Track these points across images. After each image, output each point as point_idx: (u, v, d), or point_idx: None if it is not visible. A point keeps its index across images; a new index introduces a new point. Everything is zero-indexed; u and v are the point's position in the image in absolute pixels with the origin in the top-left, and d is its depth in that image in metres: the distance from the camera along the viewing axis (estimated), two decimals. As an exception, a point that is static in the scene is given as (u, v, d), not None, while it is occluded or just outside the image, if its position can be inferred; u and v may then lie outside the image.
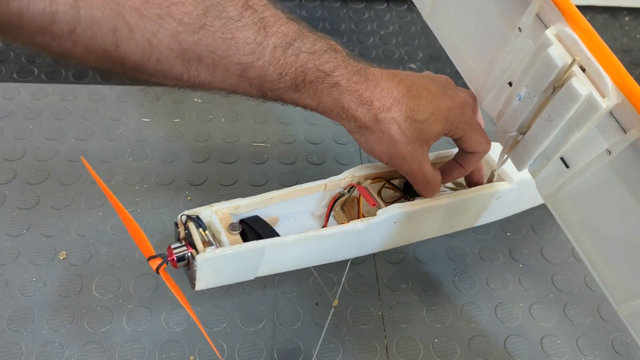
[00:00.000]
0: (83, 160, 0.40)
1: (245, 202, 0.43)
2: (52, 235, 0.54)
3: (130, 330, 0.47)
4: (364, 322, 0.49)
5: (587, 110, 0.33)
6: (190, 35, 0.33)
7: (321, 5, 0.88)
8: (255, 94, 0.39)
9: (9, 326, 0.47)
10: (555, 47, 0.34)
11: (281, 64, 0.37)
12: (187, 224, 0.40)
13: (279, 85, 0.38)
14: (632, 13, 0.92)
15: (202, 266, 0.38)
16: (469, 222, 0.51)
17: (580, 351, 0.48)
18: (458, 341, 0.49)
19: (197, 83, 0.36)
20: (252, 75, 0.36)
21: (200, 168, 0.61)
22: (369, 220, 0.43)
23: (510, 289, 0.53)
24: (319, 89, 0.39)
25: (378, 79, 0.40)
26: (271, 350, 0.47)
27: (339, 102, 0.39)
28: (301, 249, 0.42)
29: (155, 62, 0.33)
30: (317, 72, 0.38)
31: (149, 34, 0.32)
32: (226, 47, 0.34)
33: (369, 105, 0.40)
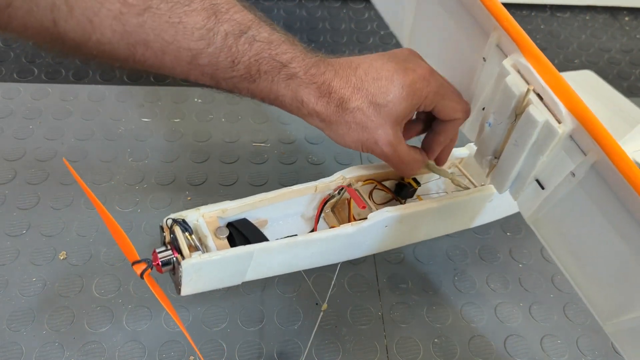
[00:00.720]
0: (65, 162, 0.39)
1: (233, 205, 0.42)
2: (52, 235, 0.54)
3: (130, 330, 0.47)
4: (364, 322, 0.49)
5: (546, 135, 0.34)
6: (134, 17, 0.32)
7: (321, 5, 0.89)
8: (209, 83, 0.37)
9: (9, 326, 0.47)
10: (512, 77, 0.36)
11: (233, 52, 0.35)
12: (172, 228, 0.39)
13: (232, 74, 0.36)
14: (632, 13, 0.92)
15: (187, 272, 0.37)
16: (462, 225, 0.50)
17: (580, 351, 0.48)
18: (458, 341, 0.49)
19: (145, 67, 0.35)
20: (203, 63, 0.35)
21: (200, 168, 0.61)
22: (360, 224, 0.42)
23: (510, 289, 0.53)
24: (275, 80, 0.37)
25: (336, 69, 0.39)
26: (271, 350, 0.47)
27: (298, 96, 0.38)
28: (290, 253, 0.41)
29: (97, 43, 0.32)
30: (273, 62, 0.37)
31: (90, 13, 0.31)
32: (173, 31, 0.33)
33: (328, 97, 0.39)
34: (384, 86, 0.39)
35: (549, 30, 0.88)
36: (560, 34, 0.87)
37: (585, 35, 0.87)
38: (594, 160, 0.32)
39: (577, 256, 0.37)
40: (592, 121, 0.32)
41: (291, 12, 0.87)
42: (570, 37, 0.87)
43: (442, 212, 0.46)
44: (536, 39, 0.86)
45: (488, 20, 0.38)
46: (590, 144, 0.32)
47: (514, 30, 0.36)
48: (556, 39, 0.86)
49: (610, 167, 0.31)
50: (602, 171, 0.32)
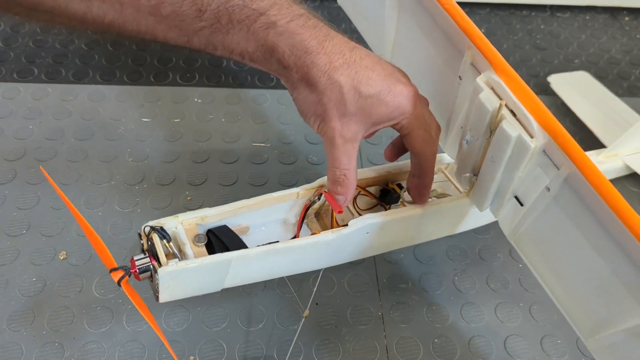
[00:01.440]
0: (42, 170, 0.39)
1: (213, 212, 0.41)
2: (52, 235, 0.54)
3: (130, 330, 0.47)
4: (364, 322, 0.49)
5: (520, 150, 0.35)
6: None
7: (321, 5, 0.89)
8: (180, 40, 0.35)
9: (9, 326, 0.47)
10: (485, 93, 0.37)
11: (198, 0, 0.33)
12: (150, 235, 0.39)
13: (200, 24, 0.33)
14: (632, 13, 0.92)
15: (164, 279, 0.37)
16: (447, 231, 0.50)
17: (580, 351, 0.48)
18: (458, 341, 0.49)
19: (106, 23, 0.33)
20: (166, 12, 0.33)
21: (200, 168, 0.61)
22: (340, 231, 0.41)
23: (510, 289, 0.53)
24: (252, 30, 0.34)
25: (330, 33, 0.36)
26: (271, 351, 0.47)
27: (278, 48, 0.35)
28: (269, 260, 0.41)
29: None
30: (247, 10, 0.34)
31: None
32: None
33: (314, 57, 0.35)
34: (372, 78, 0.36)
35: (549, 30, 0.88)
36: (560, 34, 0.87)
37: (585, 35, 0.87)
38: (567, 173, 0.33)
39: (557, 273, 0.37)
40: (562, 135, 0.32)
41: (291, 12, 0.87)
42: (570, 37, 0.87)
43: (426, 219, 0.45)
44: (536, 39, 0.86)
45: (462, 39, 0.39)
46: (562, 157, 0.33)
47: (486, 48, 0.37)
48: (556, 39, 0.86)
49: (581, 180, 0.31)
50: (574, 185, 0.33)
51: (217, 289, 0.41)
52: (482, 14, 0.90)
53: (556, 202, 0.35)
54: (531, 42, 0.85)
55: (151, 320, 0.36)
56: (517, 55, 0.82)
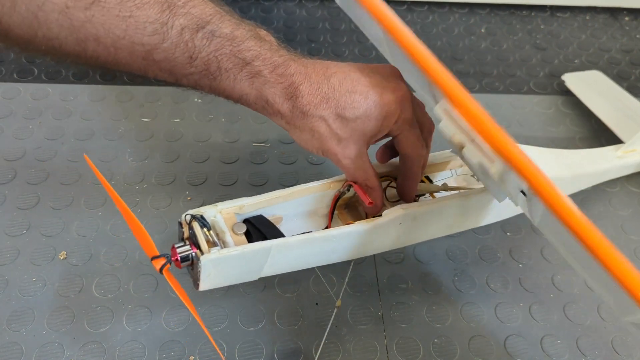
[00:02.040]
0: (86, 158, 0.39)
1: (250, 202, 0.42)
2: (52, 235, 0.54)
3: (130, 330, 0.47)
4: (364, 322, 0.49)
5: (485, 172, 0.35)
6: (81, 11, 0.30)
7: (321, 5, 0.89)
8: (169, 79, 0.36)
9: (9, 326, 0.47)
10: (443, 123, 0.37)
11: (190, 48, 0.34)
12: (191, 224, 0.39)
13: (190, 70, 0.35)
14: (632, 13, 0.92)
15: (206, 267, 0.38)
16: (475, 222, 0.51)
17: (580, 351, 0.48)
18: (458, 341, 0.49)
19: (99, 64, 0.34)
20: (159, 58, 0.34)
21: (200, 168, 0.61)
22: (374, 221, 0.42)
23: (510, 289, 0.53)
24: (238, 78, 0.36)
25: (308, 72, 0.37)
26: (271, 350, 0.47)
27: (262, 95, 0.37)
28: (306, 249, 0.42)
29: (44, 39, 0.31)
30: (235, 59, 0.35)
31: (34, 7, 0.29)
32: (124, 26, 0.32)
33: (294, 101, 0.37)
34: (356, 100, 0.37)
35: (549, 30, 0.88)
36: (560, 34, 0.87)
37: (585, 35, 0.87)
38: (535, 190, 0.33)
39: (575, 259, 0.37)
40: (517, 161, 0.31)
41: (291, 12, 0.87)
42: (570, 37, 0.87)
43: (455, 210, 0.46)
44: (536, 39, 0.86)
45: None
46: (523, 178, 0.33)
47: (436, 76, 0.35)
48: (556, 39, 0.86)
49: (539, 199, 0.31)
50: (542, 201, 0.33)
51: (255, 278, 0.42)
52: (482, 14, 0.90)
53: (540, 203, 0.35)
54: (531, 42, 0.85)
55: (192, 309, 0.37)
56: (517, 55, 0.82)
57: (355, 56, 0.80)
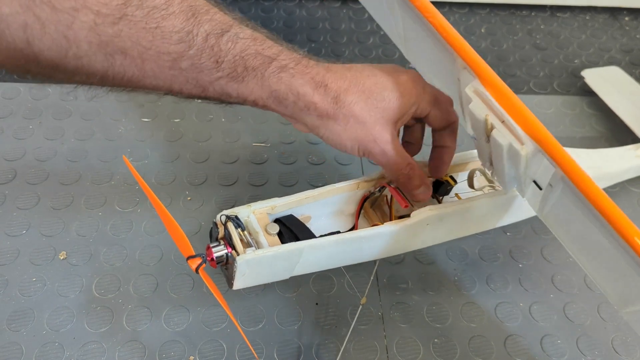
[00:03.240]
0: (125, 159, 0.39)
1: (282, 202, 0.43)
2: (52, 235, 0.54)
3: (130, 330, 0.47)
4: (364, 322, 0.49)
5: (514, 155, 0.36)
6: (109, 26, 0.31)
7: (321, 5, 0.89)
8: (195, 91, 0.36)
9: (9, 326, 0.47)
10: (474, 103, 0.37)
11: (216, 52, 0.34)
12: (226, 224, 0.40)
13: (217, 74, 0.35)
14: (632, 13, 0.92)
15: (242, 267, 0.38)
16: (499, 222, 0.51)
17: (580, 351, 0.48)
18: (458, 341, 0.49)
19: (125, 79, 0.34)
20: (185, 66, 0.34)
21: (200, 168, 0.61)
22: (404, 222, 0.43)
23: (510, 289, 0.53)
24: (266, 75, 0.36)
25: (327, 65, 0.39)
26: (271, 350, 0.47)
27: (293, 88, 0.37)
28: (336, 249, 0.42)
29: (74, 58, 0.31)
30: (260, 57, 0.36)
31: (64, 27, 0.30)
32: (151, 37, 0.32)
33: (325, 88, 0.37)
34: (379, 82, 0.39)
35: (549, 30, 0.88)
36: (560, 34, 0.87)
37: (585, 35, 0.87)
38: (561, 175, 0.33)
39: (583, 250, 0.38)
40: (548, 142, 0.33)
41: (291, 12, 0.87)
42: (570, 37, 0.87)
43: (482, 210, 0.47)
44: (536, 39, 0.86)
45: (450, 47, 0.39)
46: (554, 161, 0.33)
47: (470, 59, 0.37)
48: (556, 39, 0.86)
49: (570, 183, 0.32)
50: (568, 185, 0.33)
51: (287, 277, 0.42)
52: (482, 14, 0.90)
53: (563, 192, 0.35)
54: (531, 42, 0.85)
55: (227, 307, 0.37)
56: (517, 55, 0.82)
57: (355, 56, 0.80)
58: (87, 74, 0.33)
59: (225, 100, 0.38)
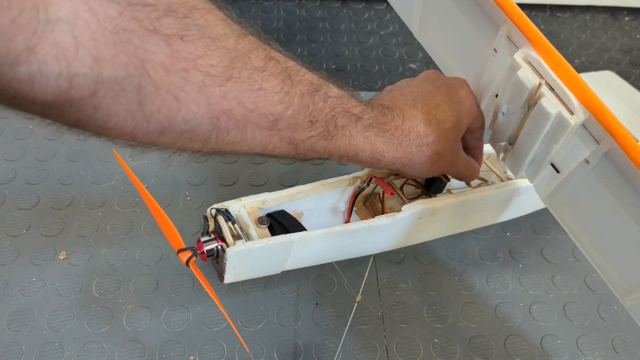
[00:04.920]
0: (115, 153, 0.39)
1: (272, 197, 0.44)
2: (52, 235, 0.54)
3: (130, 330, 0.47)
4: (364, 322, 0.49)
5: (559, 126, 0.35)
6: (217, 87, 0.31)
7: (321, 5, 0.89)
8: (286, 150, 0.37)
9: (9, 326, 0.47)
10: (523, 70, 0.36)
11: (311, 111, 0.35)
12: (216, 217, 0.40)
13: (310, 134, 0.36)
14: (632, 13, 0.92)
15: (232, 259, 0.38)
16: (491, 219, 0.51)
17: (580, 351, 0.48)
18: (458, 341, 0.49)
19: (225, 143, 0.34)
20: (283, 127, 0.35)
21: (201, 168, 0.61)
22: (394, 215, 0.43)
23: (510, 289, 0.53)
24: (353, 133, 0.37)
25: (401, 110, 0.40)
26: (271, 350, 0.47)
27: (377, 148, 0.38)
28: (328, 243, 0.43)
29: (182, 121, 0.31)
30: (348, 115, 0.37)
31: (175, 89, 0.29)
32: (254, 97, 0.32)
33: (407, 140, 0.39)
34: (445, 110, 0.40)
35: (549, 30, 0.88)
36: (560, 34, 0.87)
37: (585, 35, 0.87)
38: (607, 149, 0.33)
39: (593, 236, 0.37)
40: (603, 112, 0.32)
41: (291, 12, 0.87)
42: (570, 37, 0.87)
43: (474, 206, 0.47)
44: (536, 39, 0.86)
45: (497, 13, 0.38)
46: (603, 133, 0.32)
47: (523, 24, 0.36)
48: (556, 39, 0.86)
49: (622, 155, 0.31)
50: (614, 159, 0.33)
51: (279, 271, 0.43)
52: (482, 14, 0.90)
53: (594, 173, 0.35)
54: (531, 42, 0.85)
55: (217, 301, 0.37)
56: (517, 55, 0.82)
57: (355, 56, 0.80)
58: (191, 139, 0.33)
59: (311, 157, 0.39)
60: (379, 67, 0.78)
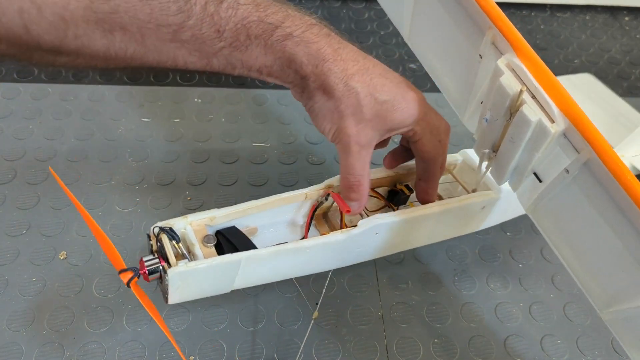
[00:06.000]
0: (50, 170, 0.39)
1: (222, 213, 0.41)
2: (52, 235, 0.54)
3: (130, 330, 0.47)
4: (364, 322, 0.49)
5: (540, 134, 0.35)
6: (104, 2, 0.30)
7: (321, 5, 0.89)
8: (200, 64, 0.35)
9: (9, 326, 0.47)
10: (506, 77, 0.36)
11: (216, 20, 0.33)
12: (159, 236, 0.38)
13: (220, 44, 0.34)
14: (632, 13, 0.92)
15: (174, 280, 0.37)
16: (456, 231, 0.50)
17: (580, 351, 0.48)
18: (458, 341, 0.49)
19: (128, 56, 0.33)
20: (186, 37, 0.33)
21: (200, 168, 0.61)
22: (349, 231, 0.41)
23: (510, 289, 0.53)
24: (269, 43, 0.35)
25: (343, 42, 0.37)
26: (271, 350, 0.47)
27: (296, 57, 0.35)
28: (279, 261, 0.41)
29: (73, 38, 0.31)
30: (263, 24, 0.34)
31: (60, 9, 0.29)
32: (149, 9, 0.31)
33: (331, 64, 0.36)
34: (386, 85, 0.38)
35: (549, 30, 0.88)
36: (560, 34, 0.87)
37: (585, 35, 0.87)
38: (586, 158, 0.33)
39: (574, 247, 0.37)
40: (583, 121, 0.32)
41: (291, 12, 0.87)
42: (570, 37, 0.87)
43: (435, 219, 0.45)
44: (536, 39, 0.86)
45: (482, 18, 0.38)
46: (582, 143, 0.32)
47: (507, 30, 0.36)
48: (556, 39, 0.86)
49: (600, 165, 0.31)
50: (593, 169, 0.33)
51: (227, 290, 0.41)
52: (482, 14, 0.90)
53: (574, 183, 0.35)
54: (531, 42, 0.85)
55: (160, 321, 0.36)
56: (517, 55, 0.82)
57: (355, 56, 0.79)
58: (90, 55, 0.32)
59: (230, 73, 0.37)
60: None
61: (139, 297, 0.36)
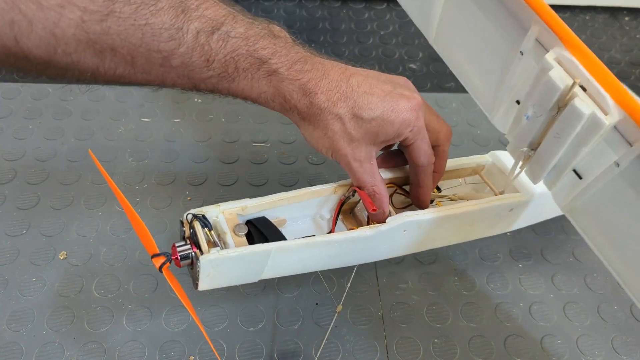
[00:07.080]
0: (90, 153, 0.39)
1: (253, 203, 0.42)
2: (52, 235, 0.54)
3: (130, 330, 0.47)
4: (364, 322, 0.49)
5: (591, 127, 0.34)
6: (97, 23, 0.30)
7: (321, 5, 0.89)
8: (187, 85, 0.36)
9: (9, 326, 0.47)
10: (555, 71, 0.36)
11: (207, 50, 0.34)
12: (192, 223, 0.39)
13: (208, 73, 0.35)
14: (632, 13, 0.92)
15: (205, 267, 0.37)
16: (481, 233, 0.50)
17: (580, 351, 0.48)
18: (458, 341, 0.49)
19: (117, 76, 0.34)
20: (176, 64, 0.34)
21: (200, 168, 0.61)
22: (378, 227, 0.42)
23: (510, 289, 0.53)
24: (255, 77, 0.36)
25: (327, 70, 0.38)
26: (271, 350, 0.47)
27: (280, 92, 0.37)
28: (307, 253, 0.41)
29: (63, 55, 0.31)
30: (251, 58, 0.35)
31: (51, 25, 0.29)
32: (140, 34, 0.32)
33: (312, 97, 0.37)
34: (373, 102, 0.38)
35: (549, 30, 0.88)
36: (560, 34, 0.87)
37: (585, 35, 0.87)
38: None
39: (616, 243, 0.37)
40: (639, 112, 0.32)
41: (291, 12, 0.87)
42: (570, 37, 0.87)
43: (462, 220, 0.46)
44: (536, 39, 0.86)
45: (527, 14, 0.38)
46: (638, 134, 0.32)
47: (556, 24, 0.36)
48: (556, 39, 0.86)
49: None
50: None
51: (255, 280, 0.42)
52: (482, 14, 0.90)
53: (622, 177, 0.34)
54: (531, 42, 0.85)
55: (191, 308, 0.37)
56: (517, 55, 0.82)
57: (355, 56, 0.80)
58: (79, 71, 0.33)
59: (217, 95, 0.38)
60: (379, 67, 0.78)
61: (170, 282, 0.36)
